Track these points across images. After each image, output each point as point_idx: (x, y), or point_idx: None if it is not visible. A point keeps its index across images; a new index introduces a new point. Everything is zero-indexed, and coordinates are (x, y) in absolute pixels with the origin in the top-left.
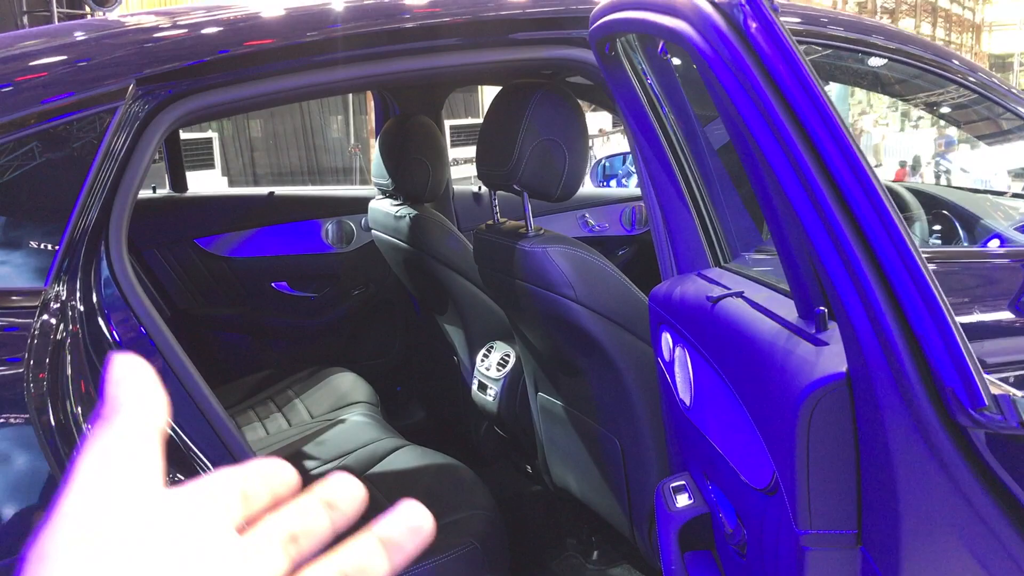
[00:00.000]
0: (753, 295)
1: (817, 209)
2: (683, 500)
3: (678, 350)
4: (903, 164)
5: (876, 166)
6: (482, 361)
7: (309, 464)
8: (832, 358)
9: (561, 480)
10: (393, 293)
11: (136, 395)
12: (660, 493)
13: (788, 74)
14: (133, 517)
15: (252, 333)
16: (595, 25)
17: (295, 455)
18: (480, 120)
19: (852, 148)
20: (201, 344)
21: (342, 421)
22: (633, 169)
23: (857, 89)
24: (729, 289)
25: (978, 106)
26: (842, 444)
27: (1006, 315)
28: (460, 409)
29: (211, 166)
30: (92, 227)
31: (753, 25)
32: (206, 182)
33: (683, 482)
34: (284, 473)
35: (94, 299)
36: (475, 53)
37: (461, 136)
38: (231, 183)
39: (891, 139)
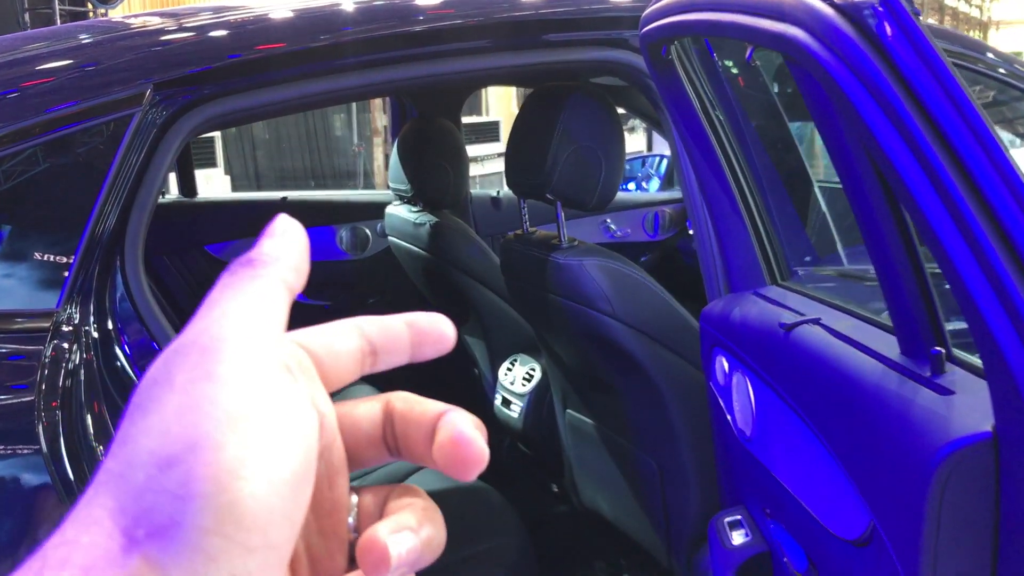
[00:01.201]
0: (832, 322)
1: (973, 247)
2: (739, 537)
3: (736, 376)
4: None
5: None
6: (505, 375)
7: None
8: (967, 412)
9: (591, 501)
10: (410, 302)
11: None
12: (714, 528)
13: (936, 90)
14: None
15: None
16: (651, 27)
17: None
18: (484, 118)
19: (1019, 177)
20: None
21: None
22: (652, 172)
23: None
24: (800, 314)
25: (1017, 102)
26: (981, 508)
27: None
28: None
29: (213, 164)
30: (107, 241)
31: (891, 31)
32: (209, 178)
33: (739, 517)
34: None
35: (109, 324)
36: (512, 55)
37: (465, 135)
38: (233, 181)
39: None
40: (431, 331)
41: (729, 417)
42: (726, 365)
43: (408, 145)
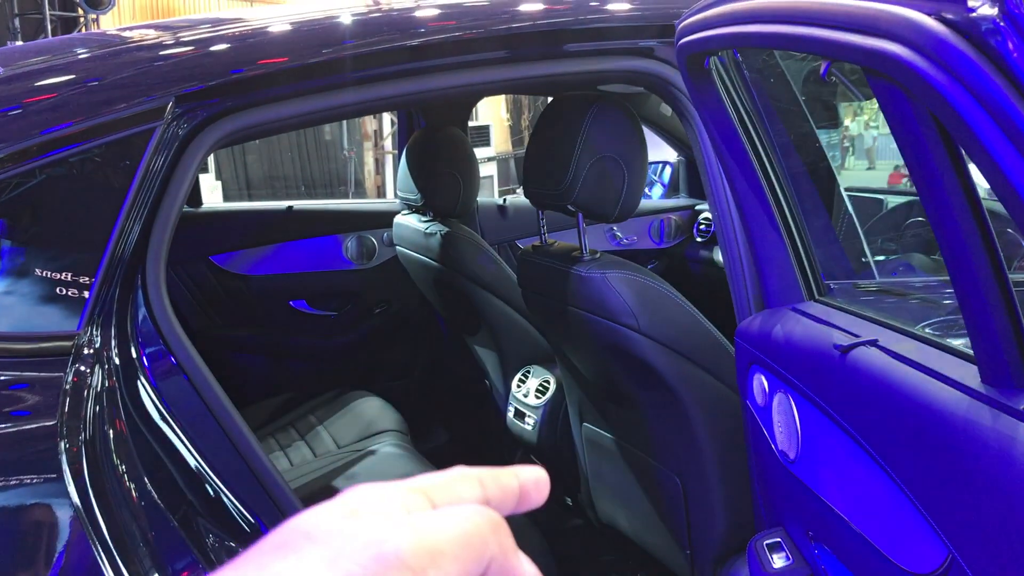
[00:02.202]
0: (891, 345)
1: None
2: (780, 560)
3: (779, 396)
4: (897, 168)
5: (868, 168)
6: (518, 387)
7: None
8: None
9: (608, 516)
10: (417, 312)
11: None
12: (752, 550)
13: None
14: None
15: (270, 354)
16: (694, 37)
17: (323, 490)
18: (474, 123)
19: None
20: (217, 366)
21: (372, 452)
22: (655, 179)
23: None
24: (851, 333)
25: None
26: None
27: None
28: (491, 436)
29: (204, 170)
30: (128, 261)
31: (1015, 49)
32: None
33: (778, 539)
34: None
35: (131, 347)
36: (531, 66)
37: None
38: (224, 187)
39: (881, 141)
40: (535, 489)
41: (768, 437)
42: (766, 384)
43: (417, 154)
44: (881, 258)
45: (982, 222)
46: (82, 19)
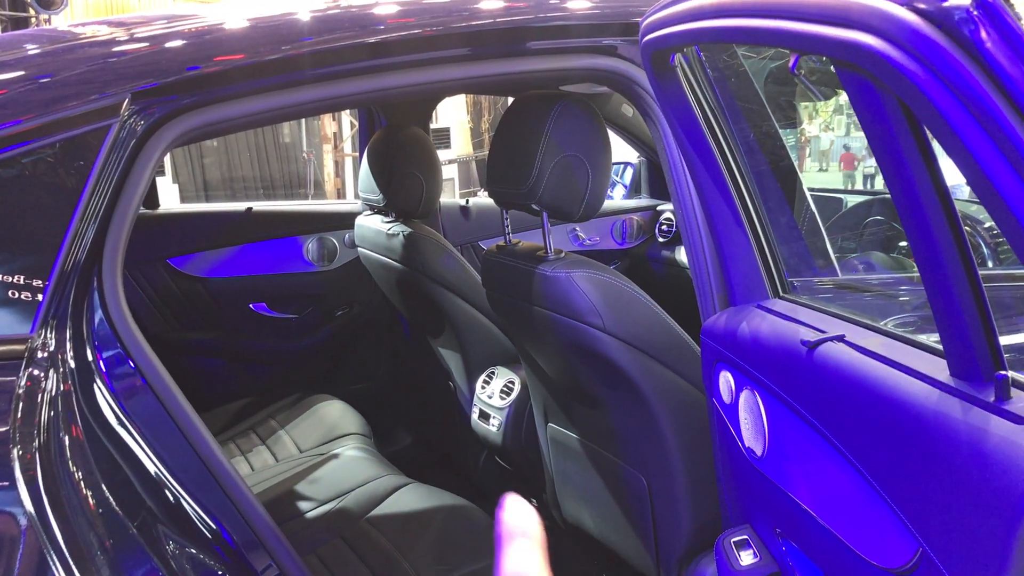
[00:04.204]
0: (858, 340)
1: None
2: (748, 557)
3: (745, 393)
4: (847, 148)
5: (821, 170)
6: (483, 388)
7: (303, 506)
8: None
9: (574, 517)
10: (379, 314)
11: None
12: (720, 548)
13: None
14: None
15: (229, 358)
16: (659, 34)
17: (286, 495)
18: (434, 125)
19: None
20: (176, 371)
21: (335, 456)
22: (617, 180)
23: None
24: (818, 329)
25: None
26: None
27: None
28: (456, 438)
29: (160, 172)
30: (83, 263)
31: (989, 39)
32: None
33: (746, 536)
34: None
35: (87, 350)
36: (494, 64)
37: None
38: (181, 189)
39: (839, 144)
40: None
41: (735, 434)
42: (732, 382)
43: (379, 155)
44: (842, 255)
45: (952, 215)
46: (33, 19)
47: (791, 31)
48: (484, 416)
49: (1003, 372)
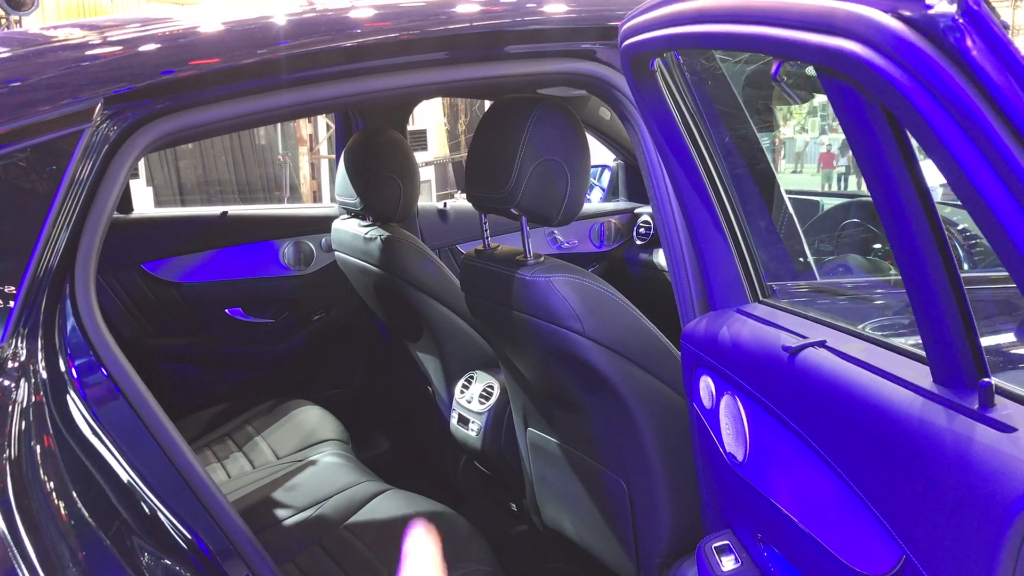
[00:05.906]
0: (840, 345)
1: None
2: (730, 563)
3: (726, 398)
4: (828, 147)
5: (795, 171)
6: (462, 392)
7: (281, 513)
8: None
9: (554, 522)
10: (356, 318)
11: None
12: (702, 553)
13: None
14: None
15: (205, 363)
16: (639, 39)
17: (263, 502)
18: (411, 127)
19: None
20: (150, 377)
21: (312, 463)
22: (595, 183)
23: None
24: (798, 335)
25: None
26: None
27: None
28: (434, 442)
29: (135, 175)
30: (55, 269)
31: (974, 47)
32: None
33: (727, 542)
34: None
35: (60, 360)
36: (471, 68)
37: None
38: (156, 193)
39: (812, 146)
40: None
41: (715, 439)
42: (713, 386)
43: (356, 158)
44: (820, 259)
45: (934, 221)
46: (3, 21)
47: (774, 37)
48: (463, 421)
49: (987, 379)
